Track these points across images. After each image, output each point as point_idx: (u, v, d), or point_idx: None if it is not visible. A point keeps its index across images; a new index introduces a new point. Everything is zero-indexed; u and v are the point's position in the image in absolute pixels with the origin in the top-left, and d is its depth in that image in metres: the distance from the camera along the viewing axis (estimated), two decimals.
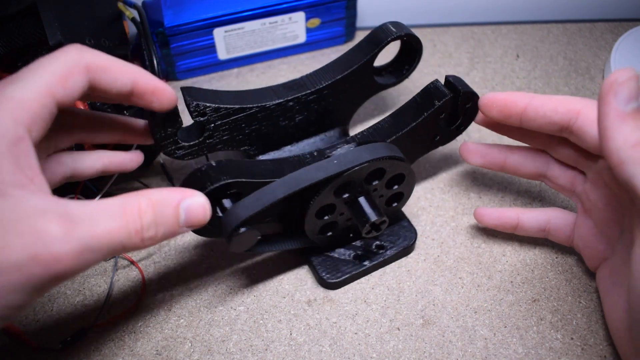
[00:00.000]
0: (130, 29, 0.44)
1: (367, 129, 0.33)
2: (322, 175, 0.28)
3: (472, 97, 0.33)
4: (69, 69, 0.22)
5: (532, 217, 0.33)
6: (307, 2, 0.45)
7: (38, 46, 0.35)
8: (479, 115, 0.34)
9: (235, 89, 0.46)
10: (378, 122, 0.33)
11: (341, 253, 0.33)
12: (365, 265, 0.33)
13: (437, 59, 0.48)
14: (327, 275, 0.32)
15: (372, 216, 0.29)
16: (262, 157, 0.36)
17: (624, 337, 0.27)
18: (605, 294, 0.30)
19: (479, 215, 0.34)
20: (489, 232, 0.36)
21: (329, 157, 0.29)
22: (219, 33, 0.44)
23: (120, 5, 0.39)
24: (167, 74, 0.46)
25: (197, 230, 0.29)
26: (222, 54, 0.46)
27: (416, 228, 0.35)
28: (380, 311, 0.32)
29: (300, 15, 0.46)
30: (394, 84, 0.39)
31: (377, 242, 0.34)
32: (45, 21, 0.33)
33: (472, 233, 0.36)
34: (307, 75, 0.36)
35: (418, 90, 0.33)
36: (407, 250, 0.34)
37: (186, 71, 0.46)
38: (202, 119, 0.32)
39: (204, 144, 0.33)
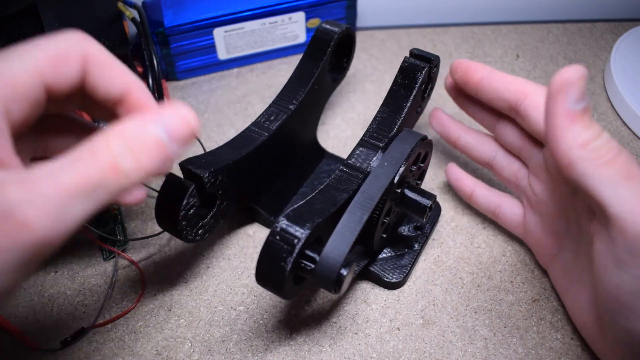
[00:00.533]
0: (130, 29, 0.44)
1: (370, 125, 0.33)
2: (386, 182, 0.27)
3: (438, 62, 0.35)
4: (65, 52, 0.20)
5: (485, 194, 0.35)
6: (307, 2, 0.45)
7: None
8: (447, 79, 0.35)
9: (235, 89, 0.46)
10: (376, 115, 0.33)
11: (386, 252, 0.33)
12: (416, 249, 0.33)
13: None
14: (392, 277, 0.32)
15: (426, 201, 0.29)
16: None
17: (593, 333, 0.28)
18: (564, 292, 0.30)
19: (449, 170, 0.36)
20: (489, 232, 0.36)
21: (364, 164, 0.30)
22: (219, 33, 0.45)
23: (120, 5, 0.40)
24: (167, 74, 0.46)
25: (283, 294, 0.26)
26: (222, 54, 0.46)
27: None
28: (380, 311, 0.32)
29: (300, 15, 0.46)
30: (342, 78, 0.40)
31: (412, 225, 0.35)
32: (45, 21, 0.33)
33: (472, 233, 0.36)
34: (274, 102, 0.35)
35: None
36: (437, 218, 0.35)
37: (186, 71, 0.46)
38: (216, 185, 0.29)
39: (219, 211, 0.31)
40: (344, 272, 0.24)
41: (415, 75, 0.33)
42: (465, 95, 0.35)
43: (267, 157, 0.34)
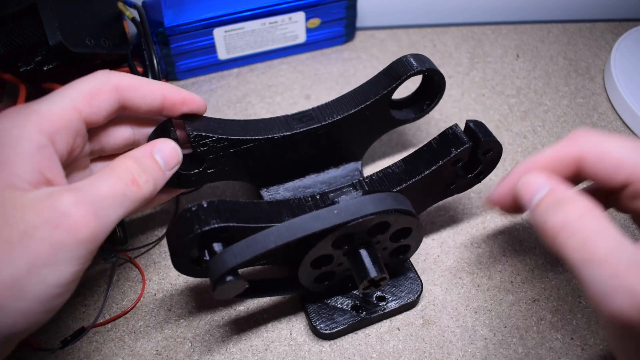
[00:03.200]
0: (130, 29, 0.44)
1: (377, 172, 0.30)
2: (319, 227, 0.25)
3: (494, 146, 0.30)
4: (96, 88, 0.25)
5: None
6: (307, 2, 0.45)
7: (38, 46, 0.35)
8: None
9: (235, 89, 0.46)
10: (389, 167, 0.31)
11: (338, 301, 0.31)
12: (362, 317, 0.31)
13: (437, 59, 0.48)
14: (322, 325, 0.30)
15: (372, 272, 0.27)
16: (264, 191, 0.35)
17: None
18: None
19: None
20: (489, 232, 0.36)
21: (331, 203, 0.27)
22: (219, 33, 0.45)
23: (120, 5, 0.40)
24: (167, 74, 0.46)
25: (186, 271, 0.28)
26: (222, 54, 0.46)
27: None
28: None
29: (300, 15, 0.46)
30: (414, 120, 0.37)
31: (378, 293, 0.32)
32: (45, 21, 0.33)
33: (472, 233, 0.36)
34: (318, 107, 0.34)
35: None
36: (410, 305, 0.31)
37: (186, 71, 0.46)
38: (202, 149, 0.31)
39: (205, 174, 0.32)
40: (227, 279, 0.24)
41: (450, 148, 0.29)
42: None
43: (278, 150, 0.33)
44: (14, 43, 0.34)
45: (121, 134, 0.30)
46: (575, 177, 0.26)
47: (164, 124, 0.30)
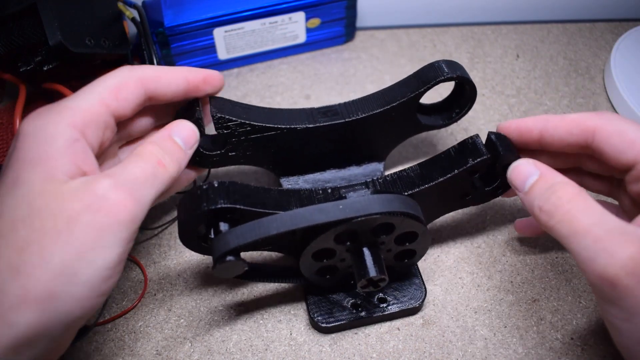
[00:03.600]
0: (130, 29, 0.44)
1: (392, 174, 0.30)
2: (322, 219, 0.25)
3: (514, 160, 0.29)
4: (121, 83, 0.27)
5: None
6: (307, 2, 0.45)
7: (38, 46, 0.35)
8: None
9: (235, 89, 0.46)
10: (404, 170, 0.30)
11: (340, 297, 0.31)
12: (361, 316, 0.31)
13: (437, 59, 0.48)
14: (320, 318, 0.30)
15: (372, 271, 0.27)
16: (284, 180, 0.35)
17: None
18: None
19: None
20: (489, 232, 0.36)
21: (340, 198, 0.27)
22: (219, 33, 0.44)
23: (120, 5, 0.39)
24: None
25: (191, 246, 0.28)
26: (222, 54, 0.46)
27: None
28: None
29: (300, 15, 0.46)
30: (441, 127, 0.36)
31: (380, 295, 0.31)
32: (45, 21, 0.33)
33: (472, 233, 0.36)
34: (345, 103, 0.34)
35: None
36: (411, 310, 0.31)
37: None
38: (225, 132, 0.31)
39: (226, 156, 0.33)
40: (227, 258, 0.25)
41: (467, 159, 0.29)
42: (530, 150, 0.30)
43: (299, 142, 0.33)
44: (14, 43, 0.34)
45: (145, 122, 0.31)
46: (582, 148, 0.28)
47: (190, 103, 0.31)
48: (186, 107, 0.31)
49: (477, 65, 0.48)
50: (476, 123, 0.43)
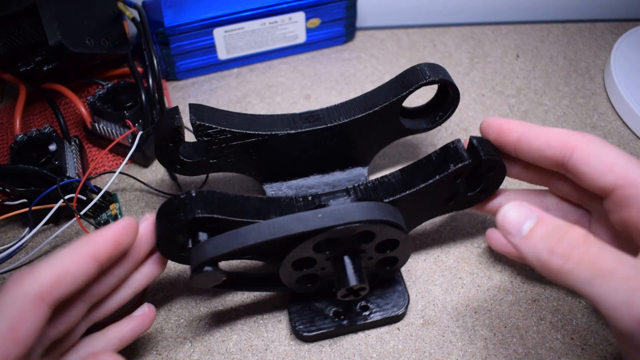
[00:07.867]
0: (130, 29, 0.44)
1: (373, 180, 0.29)
2: (300, 229, 0.25)
3: (496, 165, 0.29)
4: (16, 319, 0.22)
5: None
6: (307, 2, 0.45)
7: (38, 46, 0.35)
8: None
9: (235, 89, 0.46)
10: (385, 176, 0.30)
11: (323, 305, 0.31)
12: (343, 324, 0.30)
13: (437, 59, 0.48)
14: (300, 327, 0.30)
15: (352, 280, 0.27)
16: (268, 186, 0.35)
17: None
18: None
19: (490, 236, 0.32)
20: None
21: (320, 206, 0.27)
22: (219, 33, 0.45)
23: (120, 5, 0.40)
24: (167, 74, 0.46)
25: (169, 256, 0.28)
26: (222, 54, 0.46)
27: (416, 227, 0.35)
28: None
29: (300, 15, 0.46)
30: (425, 130, 0.36)
31: (362, 302, 0.31)
32: (45, 21, 0.33)
33: (472, 233, 0.36)
34: (327, 109, 0.34)
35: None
36: (394, 318, 0.31)
37: (186, 71, 0.46)
38: (205, 139, 0.31)
39: (208, 163, 0.32)
40: (204, 269, 0.25)
41: (449, 164, 0.28)
42: (505, 156, 0.30)
43: (281, 148, 0.33)
44: (14, 43, 0.34)
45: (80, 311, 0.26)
46: (557, 166, 0.27)
47: (171, 112, 0.31)
48: (168, 114, 0.31)
49: (477, 65, 0.48)
50: (476, 123, 0.43)
